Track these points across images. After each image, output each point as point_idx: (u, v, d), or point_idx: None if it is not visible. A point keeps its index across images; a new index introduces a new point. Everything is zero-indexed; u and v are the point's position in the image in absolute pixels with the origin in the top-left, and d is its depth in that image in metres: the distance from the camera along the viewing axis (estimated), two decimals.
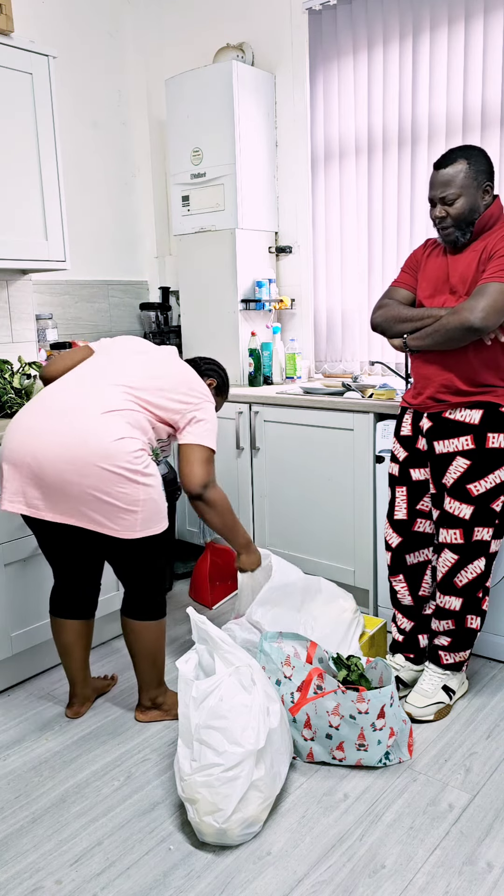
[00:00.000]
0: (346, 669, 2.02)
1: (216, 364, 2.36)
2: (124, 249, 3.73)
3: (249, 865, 1.65)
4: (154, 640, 2.11)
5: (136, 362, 2.09)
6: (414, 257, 2.22)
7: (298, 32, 3.19)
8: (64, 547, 2.09)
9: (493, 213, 2.02)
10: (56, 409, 1.95)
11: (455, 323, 1.94)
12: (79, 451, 1.86)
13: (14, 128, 2.65)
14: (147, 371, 2.06)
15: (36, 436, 1.92)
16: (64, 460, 1.86)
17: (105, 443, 1.86)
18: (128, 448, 1.88)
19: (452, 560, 2.11)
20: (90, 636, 2.23)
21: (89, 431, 1.88)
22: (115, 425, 1.90)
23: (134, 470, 1.88)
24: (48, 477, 1.89)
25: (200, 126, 3.24)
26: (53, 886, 1.61)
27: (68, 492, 1.88)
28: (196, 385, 2.11)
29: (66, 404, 1.96)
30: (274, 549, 3.03)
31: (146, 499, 1.92)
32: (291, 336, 3.41)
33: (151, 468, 1.95)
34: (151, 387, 2.02)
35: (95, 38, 3.47)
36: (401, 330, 2.12)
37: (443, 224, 2.03)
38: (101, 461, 1.85)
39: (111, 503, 1.88)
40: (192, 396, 2.07)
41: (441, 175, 2.00)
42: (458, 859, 1.65)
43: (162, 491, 1.99)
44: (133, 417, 1.95)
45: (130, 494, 1.89)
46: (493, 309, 1.89)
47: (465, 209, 1.99)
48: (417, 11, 2.83)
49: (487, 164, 2.01)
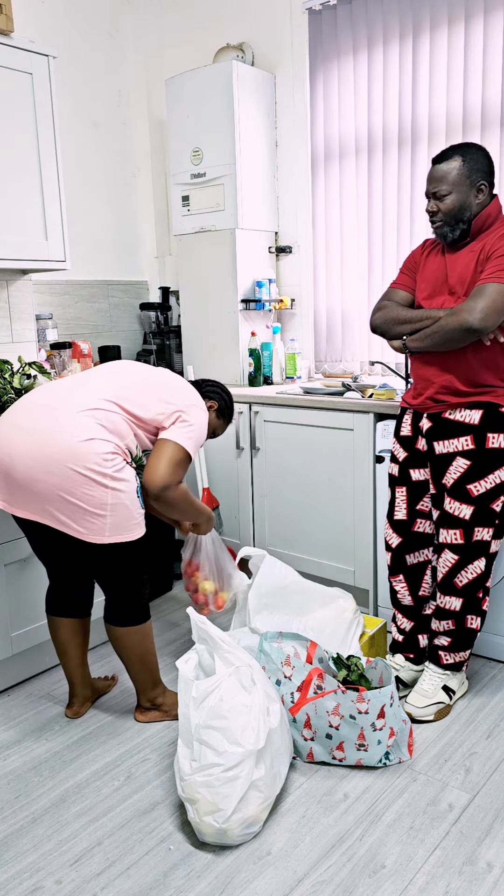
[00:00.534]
0: (346, 669, 2.02)
1: (219, 386, 2.30)
2: (124, 249, 3.73)
3: (249, 865, 1.65)
4: (139, 643, 2.09)
5: (127, 371, 2.07)
6: (412, 258, 2.22)
7: (298, 32, 3.19)
8: (51, 547, 2.09)
9: (490, 213, 2.02)
10: (37, 406, 1.95)
11: (454, 324, 1.94)
12: (47, 448, 1.84)
13: (14, 128, 2.64)
14: (137, 378, 2.04)
15: (14, 431, 1.91)
16: (32, 457, 1.85)
17: (73, 442, 1.83)
18: (97, 449, 1.84)
19: (453, 560, 2.11)
20: (86, 635, 2.23)
21: (61, 430, 1.86)
22: (87, 425, 1.86)
23: (101, 472, 1.84)
24: (17, 473, 1.87)
25: (200, 126, 3.24)
26: (53, 886, 1.61)
27: (35, 489, 1.86)
28: (188, 392, 2.06)
29: (47, 402, 1.95)
30: (274, 549, 3.03)
31: (115, 503, 1.87)
32: (291, 336, 3.41)
33: (124, 472, 1.89)
34: (138, 386, 1.99)
35: (95, 38, 3.47)
36: (400, 331, 2.12)
37: (433, 219, 2.05)
38: (68, 461, 1.82)
39: (77, 504, 1.85)
40: (180, 398, 2.02)
41: (435, 170, 2.02)
42: (458, 859, 1.65)
43: (136, 497, 1.93)
44: (109, 419, 1.90)
45: (97, 497, 1.85)
46: (491, 310, 1.89)
47: (454, 206, 1.99)
48: (417, 11, 2.83)
49: (486, 163, 2.01)
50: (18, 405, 2.00)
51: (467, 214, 2.01)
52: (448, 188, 1.99)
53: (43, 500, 1.87)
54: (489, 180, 2.01)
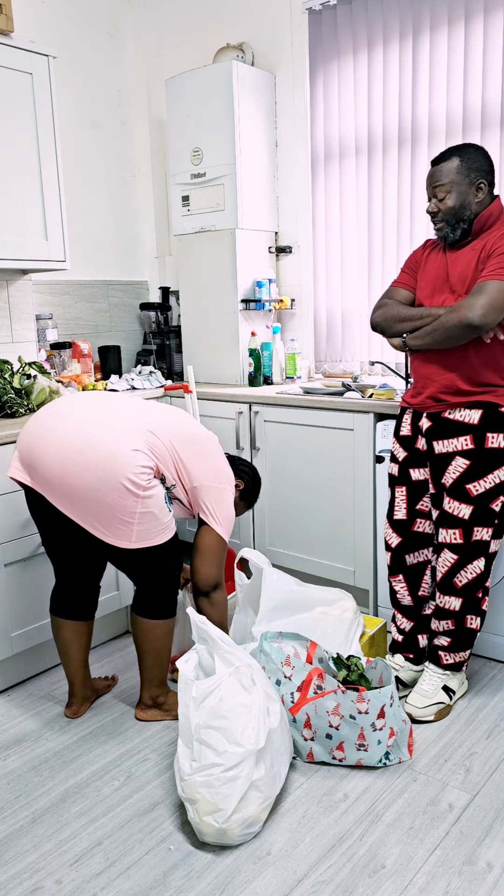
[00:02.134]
0: (346, 669, 2.02)
1: (251, 468, 2.37)
2: (124, 249, 3.73)
3: (249, 865, 1.65)
4: (161, 638, 2.12)
5: (186, 420, 2.12)
6: (414, 257, 2.22)
7: (298, 32, 3.19)
8: (65, 544, 2.09)
9: (492, 213, 2.02)
10: (90, 409, 1.99)
11: (454, 321, 1.94)
12: (92, 443, 1.88)
13: (14, 128, 2.65)
14: (190, 429, 2.08)
15: (59, 420, 1.95)
16: (73, 449, 1.88)
17: (120, 448, 1.87)
18: (137, 461, 1.88)
19: (452, 560, 2.11)
20: (89, 637, 2.23)
21: (112, 434, 1.90)
22: (138, 441, 1.90)
23: (136, 483, 1.86)
24: (50, 460, 1.90)
25: (200, 126, 3.24)
26: (53, 886, 1.61)
27: (68, 482, 1.88)
28: (226, 469, 2.12)
29: (107, 407, 2.00)
30: (274, 549, 3.03)
31: (144, 512, 1.90)
32: (291, 336, 3.41)
33: (154, 485, 1.92)
34: (187, 442, 2.02)
35: (95, 37, 3.47)
36: (400, 329, 2.12)
37: (434, 219, 2.06)
38: (108, 464, 1.85)
39: (106, 508, 1.87)
40: (219, 473, 2.08)
41: (434, 171, 2.04)
42: (458, 859, 1.65)
43: (164, 504, 1.96)
44: (160, 447, 1.95)
45: (127, 506, 1.87)
46: (491, 307, 1.89)
47: (454, 205, 2.00)
48: (417, 11, 2.83)
49: (485, 162, 2.02)
50: (65, 401, 2.03)
51: (467, 213, 2.01)
52: (447, 187, 2.00)
53: (73, 494, 1.89)
54: (489, 179, 2.02)
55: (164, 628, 2.11)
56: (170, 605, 2.11)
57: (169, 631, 2.13)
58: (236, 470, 2.27)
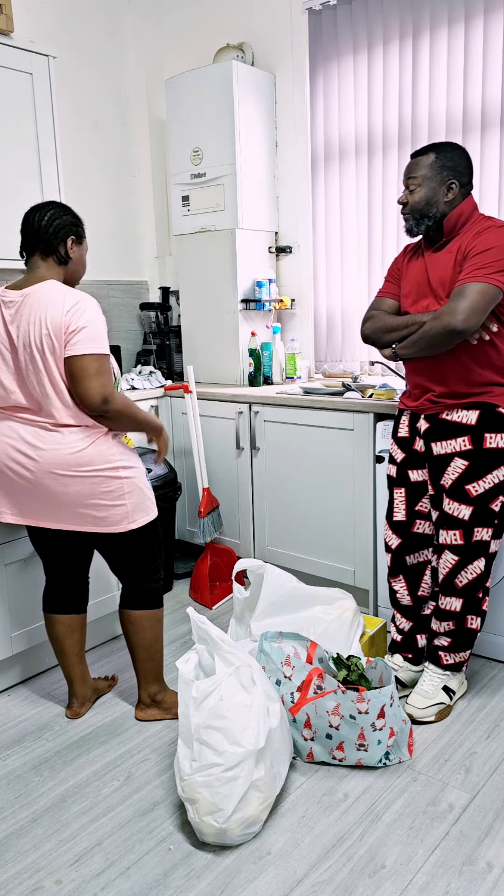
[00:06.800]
0: (346, 669, 2.02)
1: (62, 210, 1.99)
2: (124, 249, 3.73)
3: (249, 865, 1.65)
4: (151, 628, 2.13)
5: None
6: (395, 265, 2.23)
7: (298, 32, 3.19)
8: (54, 542, 2.12)
9: (462, 212, 2.02)
10: (27, 428, 1.97)
11: (437, 328, 1.94)
12: (54, 464, 1.93)
13: (14, 128, 2.65)
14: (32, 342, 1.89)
15: (21, 455, 1.98)
16: (46, 475, 1.94)
17: (72, 452, 1.92)
18: (97, 448, 1.93)
19: (453, 561, 2.11)
20: (83, 631, 2.24)
21: (57, 445, 1.92)
22: (70, 431, 1.93)
23: (111, 467, 1.95)
24: (39, 492, 1.96)
25: (200, 126, 3.24)
26: (53, 886, 1.61)
27: (58, 501, 1.95)
28: (70, 296, 1.88)
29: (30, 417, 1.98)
30: (274, 548, 3.03)
31: (131, 490, 1.98)
32: (291, 336, 3.41)
33: (130, 459, 2.00)
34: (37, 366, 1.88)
35: (95, 38, 3.47)
36: (389, 339, 2.13)
37: (402, 210, 2.09)
38: (77, 468, 1.92)
39: (99, 503, 1.95)
40: (62, 314, 1.86)
41: (411, 163, 2.06)
42: (458, 859, 1.65)
43: (144, 477, 2.04)
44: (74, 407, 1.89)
45: (114, 490, 1.95)
46: (472, 310, 1.89)
47: (421, 200, 2.01)
48: (417, 11, 2.83)
49: (461, 161, 2.02)
50: (11, 426, 1.97)
51: (433, 211, 2.02)
52: (418, 181, 2.02)
53: (67, 509, 1.96)
54: (461, 180, 2.01)
55: (153, 618, 2.13)
56: (157, 594, 2.14)
57: (158, 621, 2.15)
58: (55, 235, 1.97)
